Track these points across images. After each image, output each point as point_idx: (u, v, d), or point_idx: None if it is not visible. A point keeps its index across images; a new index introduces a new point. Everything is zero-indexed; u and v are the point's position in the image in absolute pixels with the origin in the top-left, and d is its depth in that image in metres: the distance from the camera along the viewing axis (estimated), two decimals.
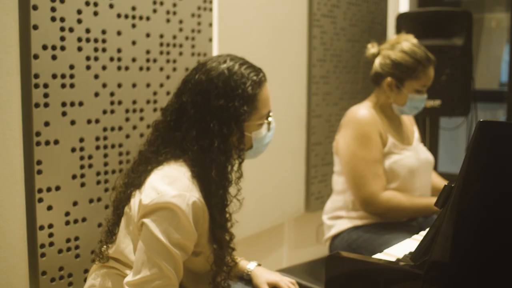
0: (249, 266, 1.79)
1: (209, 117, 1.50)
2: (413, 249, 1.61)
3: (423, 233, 1.79)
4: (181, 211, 1.40)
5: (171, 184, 1.44)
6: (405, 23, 3.20)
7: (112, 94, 1.96)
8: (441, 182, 2.55)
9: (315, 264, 2.38)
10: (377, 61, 2.33)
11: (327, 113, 3.21)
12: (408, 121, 2.53)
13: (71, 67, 1.83)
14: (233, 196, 1.57)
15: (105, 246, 1.60)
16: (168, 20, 2.13)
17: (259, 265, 1.81)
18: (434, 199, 2.20)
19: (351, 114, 2.34)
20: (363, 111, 2.30)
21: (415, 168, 2.30)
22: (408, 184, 2.29)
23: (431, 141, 3.58)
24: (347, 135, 2.29)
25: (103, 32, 1.91)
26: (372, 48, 2.39)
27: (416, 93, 2.28)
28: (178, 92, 1.61)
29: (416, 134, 2.50)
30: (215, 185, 1.49)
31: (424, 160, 2.38)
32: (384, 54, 2.31)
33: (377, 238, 2.18)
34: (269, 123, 1.63)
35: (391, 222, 2.26)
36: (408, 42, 2.30)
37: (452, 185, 1.21)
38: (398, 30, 3.21)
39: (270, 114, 1.63)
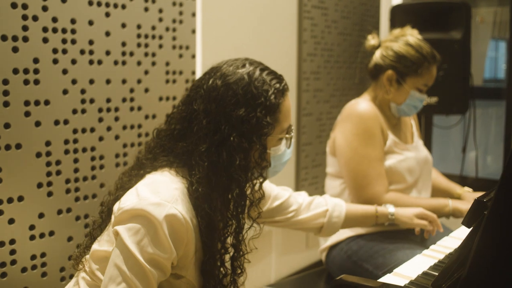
0: (390, 209, 1.83)
1: (227, 129, 1.32)
2: (425, 267, 1.43)
3: (433, 247, 1.61)
4: (158, 222, 1.22)
5: (155, 191, 1.28)
6: (399, 15, 3.07)
7: (83, 91, 1.78)
8: (443, 180, 2.39)
9: (307, 278, 2.18)
10: (378, 53, 2.17)
11: (317, 111, 3.03)
12: (406, 118, 2.36)
13: (36, 61, 1.64)
14: (253, 219, 1.41)
15: (84, 252, 1.45)
16: (146, 9, 1.95)
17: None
18: (441, 201, 2.07)
19: (350, 108, 2.17)
20: (363, 104, 2.13)
21: (416, 169, 2.15)
22: (409, 186, 2.14)
23: (424, 139, 3.41)
24: (347, 131, 2.11)
25: (73, 21, 1.73)
26: (372, 40, 2.22)
27: (417, 91, 2.12)
28: (187, 99, 1.43)
29: (414, 129, 2.34)
30: (234, 207, 1.34)
31: (424, 159, 2.24)
32: (386, 45, 2.15)
33: (380, 250, 2.00)
34: (290, 139, 1.46)
35: (393, 230, 2.09)
36: (414, 36, 2.14)
37: (485, 200, 1.02)
38: (392, 22, 3.07)
39: (291, 128, 1.47)
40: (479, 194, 2.15)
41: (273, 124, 1.36)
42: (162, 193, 1.27)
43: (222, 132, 1.31)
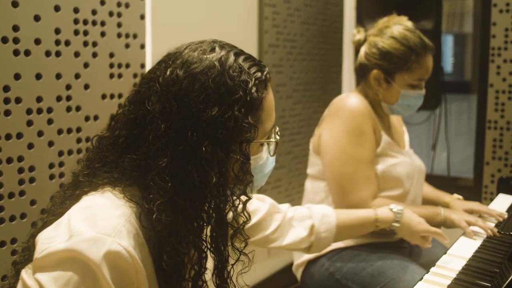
0: (396, 211, 1.63)
1: (196, 136, 1.01)
2: None
3: (435, 270, 1.38)
4: (95, 265, 0.91)
5: (91, 221, 0.96)
6: (366, 3, 2.92)
7: (6, 88, 1.49)
8: (429, 190, 2.20)
9: None
10: (363, 50, 1.98)
11: (280, 107, 2.78)
12: (397, 121, 2.15)
13: None
14: (240, 251, 1.09)
15: None
16: None
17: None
18: (433, 209, 1.84)
19: (340, 103, 1.96)
20: (355, 99, 1.92)
21: (412, 176, 1.95)
22: (405, 193, 1.94)
23: None
24: (335, 127, 1.89)
25: None
26: (357, 34, 2.02)
27: (410, 89, 1.90)
28: (136, 96, 1.09)
29: (406, 136, 2.13)
30: (213, 238, 1.03)
31: (419, 167, 2.05)
32: (370, 41, 1.94)
33: (367, 267, 1.79)
34: (275, 144, 1.17)
35: (380, 242, 1.89)
36: (400, 25, 1.92)
37: None
38: (358, 11, 2.94)
39: (277, 130, 1.17)
40: (470, 203, 1.97)
41: (256, 126, 1.06)
42: (100, 224, 0.96)
43: (188, 141, 1.00)
